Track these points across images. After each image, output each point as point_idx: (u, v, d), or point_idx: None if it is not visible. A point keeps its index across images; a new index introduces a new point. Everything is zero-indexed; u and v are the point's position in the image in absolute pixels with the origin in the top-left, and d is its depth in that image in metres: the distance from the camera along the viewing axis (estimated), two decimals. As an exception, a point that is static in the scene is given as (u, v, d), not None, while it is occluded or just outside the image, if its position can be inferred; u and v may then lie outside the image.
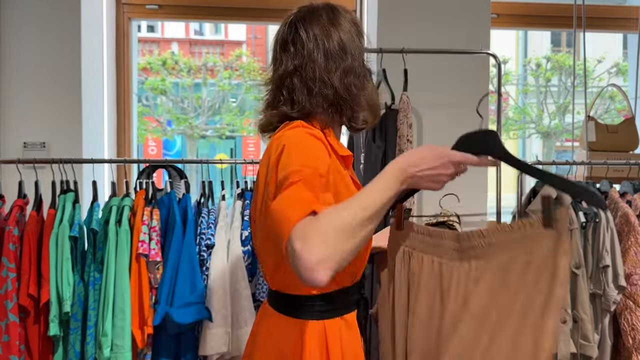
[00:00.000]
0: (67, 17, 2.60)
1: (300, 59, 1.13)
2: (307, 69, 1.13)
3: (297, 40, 1.14)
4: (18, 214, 1.92)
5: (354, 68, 1.16)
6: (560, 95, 10.11)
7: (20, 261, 1.87)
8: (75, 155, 2.48)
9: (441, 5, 2.69)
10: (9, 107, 2.60)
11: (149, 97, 9.30)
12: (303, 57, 1.13)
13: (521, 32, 12.06)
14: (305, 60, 1.13)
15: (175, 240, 1.90)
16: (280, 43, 1.19)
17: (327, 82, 1.12)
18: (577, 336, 2.01)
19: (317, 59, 1.13)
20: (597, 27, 3.22)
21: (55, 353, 1.90)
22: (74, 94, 2.61)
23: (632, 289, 2.04)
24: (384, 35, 2.66)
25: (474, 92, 2.35)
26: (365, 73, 1.21)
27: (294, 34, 1.15)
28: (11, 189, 2.04)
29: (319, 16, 1.17)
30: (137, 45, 3.17)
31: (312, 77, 1.12)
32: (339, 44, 1.15)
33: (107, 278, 1.84)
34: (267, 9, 3.02)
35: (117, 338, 1.83)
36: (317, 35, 1.14)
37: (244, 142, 11.83)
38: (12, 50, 2.60)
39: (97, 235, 1.89)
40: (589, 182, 2.21)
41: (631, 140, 2.71)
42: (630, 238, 2.06)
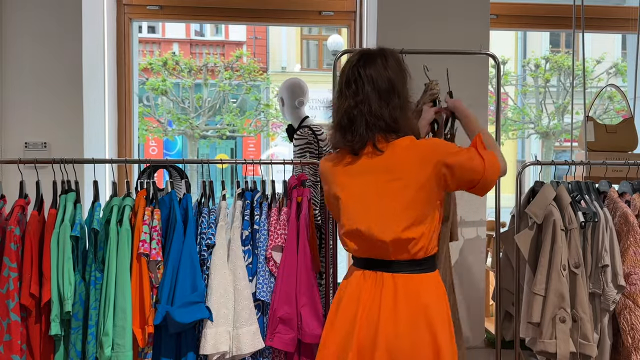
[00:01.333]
0: (68, 17, 2.61)
1: (360, 96, 1.51)
2: (365, 105, 1.49)
3: (358, 80, 1.52)
4: (19, 213, 1.93)
5: (400, 104, 1.52)
6: (559, 95, 10.12)
7: (21, 261, 1.88)
8: (77, 155, 2.49)
9: (441, 6, 2.70)
10: (11, 108, 2.61)
11: (149, 97, 9.31)
12: (362, 94, 1.50)
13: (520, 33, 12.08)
14: (364, 97, 1.50)
15: (176, 240, 1.91)
16: (345, 80, 1.55)
17: (379, 116, 1.49)
18: (577, 335, 2.01)
19: (372, 97, 1.50)
20: (596, 27, 3.23)
21: (56, 352, 1.90)
22: (75, 94, 2.62)
23: (631, 289, 2.04)
24: (384, 35, 2.67)
25: (474, 92, 2.36)
26: (409, 106, 1.58)
27: (356, 75, 1.52)
28: (12, 189, 2.04)
29: (374, 61, 1.53)
30: (137, 45, 3.18)
31: (368, 111, 1.49)
32: (389, 84, 1.52)
33: (108, 277, 1.85)
34: (268, 9, 3.03)
35: (118, 337, 1.83)
36: (373, 77, 1.51)
37: (244, 142, 11.84)
38: (13, 50, 2.61)
39: (98, 234, 1.90)
40: (588, 182, 2.22)
41: (630, 140, 2.72)
42: (629, 238, 2.07)
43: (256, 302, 1.97)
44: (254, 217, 2.02)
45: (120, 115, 2.99)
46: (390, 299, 1.47)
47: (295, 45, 12.93)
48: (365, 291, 1.50)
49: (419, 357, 1.43)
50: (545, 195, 2.09)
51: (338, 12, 3.05)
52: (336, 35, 10.12)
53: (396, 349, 1.43)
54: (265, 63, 12.22)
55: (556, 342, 1.98)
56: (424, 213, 1.49)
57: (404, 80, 1.57)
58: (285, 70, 12.35)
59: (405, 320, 1.44)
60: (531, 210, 2.10)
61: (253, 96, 9.74)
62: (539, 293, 2.01)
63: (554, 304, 1.99)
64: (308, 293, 1.96)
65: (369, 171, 1.51)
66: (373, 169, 1.51)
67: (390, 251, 1.49)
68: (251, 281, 1.98)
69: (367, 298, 1.49)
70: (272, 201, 2.07)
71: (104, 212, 1.95)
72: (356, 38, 3.04)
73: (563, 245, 2.01)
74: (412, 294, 1.48)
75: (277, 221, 2.01)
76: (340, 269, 2.20)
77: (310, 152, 2.69)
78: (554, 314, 1.99)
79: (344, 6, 3.05)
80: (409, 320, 1.45)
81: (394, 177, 1.49)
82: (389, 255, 1.50)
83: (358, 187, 1.52)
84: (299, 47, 12.96)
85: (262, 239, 1.99)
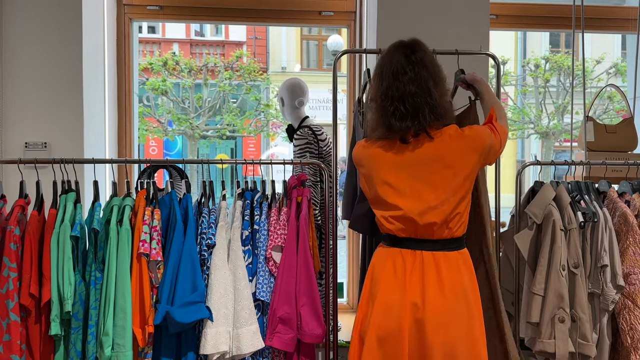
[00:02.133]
0: (69, 18, 2.61)
1: (418, 81, 1.59)
2: (425, 91, 1.58)
3: (414, 67, 1.60)
4: (19, 213, 1.93)
5: (445, 90, 1.64)
6: (559, 95, 10.12)
7: (21, 261, 1.88)
8: (77, 155, 2.50)
9: (440, 6, 2.70)
10: (11, 108, 2.61)
11: (150, 97, 9.30)
12: (421, 80, 1.59)
13: (520, 33, 12.07)
14: (423, 84, 1.59)
15: (176, 240, 1.91)
16: (394, 68, 1.61)
17: (439, 103, 1.60)
18: (576, 335, 2.01)
19: (430, 83, 1.60)
20: (595, 27, 3.23)
21: (56, 352, 1.90)
22: (75, 94, 2.62)
23: (630, 289, 2.05)
24: (384, 35, 2.67)
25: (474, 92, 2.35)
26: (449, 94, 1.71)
27: (411, 62, 1.60)
28: (12, 189, 2.05)
29: (420, 49, 1.64)
30: (138, 46, 3.18)
31: (429, 98, 1.59)
32: (439, 71, 1.63)
33: (108, 277, 1.85)
34: (268, 9, 3.03)
35: (118, 337, 1.84)
36: (426, 64, 1.61)
37: (245, 142, 11.83)
38: (13, 50, 2.61)
39: (98, 234, 1.90)
40: (587, 182, 2.22)
41: (630, 140, 2.72)
42: (629, 238, 2.07)
43: (256, 302, 1.97)
44: (254, 217, 2.02)
45: (120, 115, 2.99)
46: (434, 273, 1.60)
47: (295, 45, 12.93)
48: (408, 265, 1.62)
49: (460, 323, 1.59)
50: (545, 195, 2.10)
51: (338, 12, 3.05)
52: (336, 35, 10.12)
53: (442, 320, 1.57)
54: (265, 63, 12.22)
55: (555, 342, 1.98)
56: (466, 197, 1.64)
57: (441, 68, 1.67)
58: (285, 70, 12.35)
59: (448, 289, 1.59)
60: (531, 210, 2.10)
61: (253, 96, 9.74)
62: (538, 293, 2.01)
63: (553, 304, 1.99)
64: (308, 293, 1.97)
65: (420, 158, 1.62)
66: (424, 157, 1.62)
67: (435, 231, 1.62)
68: (251, 281, 1.98)
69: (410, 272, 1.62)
70: (272, 201, 2.08)
71: (104, 212, 1.95)
72: (356, 38, 3.04)
73: (562, 245, 2.01)
74: (453, 268, 1.62)
75: (277, 221, 2.01)
76: (340, 269, 2.21)
77: (310, 152, 2.69)
78: (553, 313, 1.99)
79: (344, 6, 3.05)
80: (451, 290, 1.59)
81: (444, 165, 1.61)
82: (432, 235, 1.63)
83: (409, 173, 1.63)
84: (299, 47, 12.96)
85: (262, 239, 2.00)
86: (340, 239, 2.70)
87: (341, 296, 3.10)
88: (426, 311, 1.56)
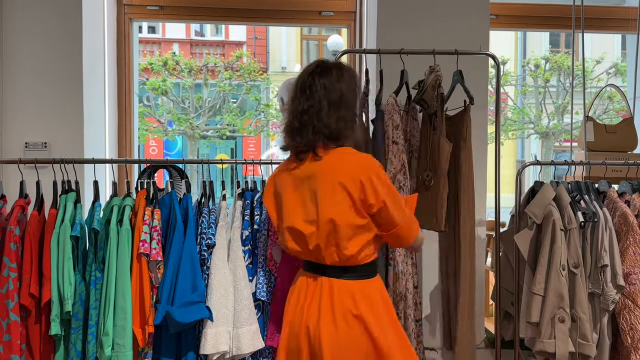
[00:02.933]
0: (69, 17, 2.61)
1: (311, 101, 1.59)
2: (315, 111, 1.58)
3: (312, 87, 1.59)
4: (19, 213, 1.93)
5: (346, 116, 1.61)
6: (559, 95, 10.11)
7: (21, 261, 1.88)
8: (77, 155, 2.49)
9: (440, 6, 2.70)
10: (11, 108, 2.61)
11: (150, 97, 9.30)
12: (314, 101, 1.58)
13: (520, 33, 12.07)
14: (315, 103, 1.58)
15: (176, 240, 1.91)
16: (300, 86, 1.63)
17: (326, 124, 1.57)
18: (576, 335, 2.02)
19: (323, 105, 1.58)
20: (595, 27, 3.23)
21: (56, 352, 1.90)
22: (75, 94, 2.62)
23: (630, 289, 2.05)
24: (384, 35, 2.67)
25: (473, 92, 2.35)
26: (355, 120, 1.65)
27: (311, 82, 1.60)
28: (13, 189, 2.04)
29: (330, 72, 1.61)
30: (138, 46, 3.18)
31: (317, 118, 1.57)
32: (339, 96, 1.60)
33: (109, 277, 1.85)
34: (268, 9, 3.03)
35: (118, 337, 1.83)
36: (326, 86, 1.59)
37: (245, 142, 11.83)
38: (14, 51, 2.61)
39: (98, 234, 1.90)
40: (587, 182, 2.22)
41: (630, 140, 2.72)
42: (629, 238, 2.07)
43: (256, 302, 1.97)
44: (254, 217, 2.02)
45: (120, 115, 2.99)
46: (328, 300, 1.59)
47: (295, 45, 12.92)
48: (309, 292, 1.63)
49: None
50: (545, 195, 2.10)
51: (338, 12, 3.05)
52: (336, 35, 10.11)
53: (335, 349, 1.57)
54: (265, 63, 12.22)
55: (555, 342, 1.98)
56: (363, 225, 1.59)
57: (355, 96, 1.66)
58: (285, 70, 12.35)
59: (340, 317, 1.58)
60: (531, 210, 2.10)
61: (253, 96, 9.74)
62: (538, 293, 2.01)
63: (553, 303, 1.99)
64: (308, 293, 1.96)
65: (308, 176, 1.61)
66: (311, 174, 1.61)
67: (323, 256, 1.60)
68: (251, 281, 1.98)
69: (309, 297, 1.62)
70: (272, 201, 2.07)
71: (104, 212, 1.95)
72: (356, 38, 3.04)
73: (562, 245, 2.01)
74: (346, 299, 1.58)
75: (277, 221, 2.01)
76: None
77: (310, 152, 2.69)
78: (553, 313, 1.99)
79: (344, 6, 3.05)
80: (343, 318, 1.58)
81: (327, 184, 1.58)
82: (323, 260, 1.61)
83: (298, 190, 1.62)
84: (299, 47, 12.95)
85: (262, 239, 2.00)
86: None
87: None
88: (322, 339, 1.55)
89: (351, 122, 1.63)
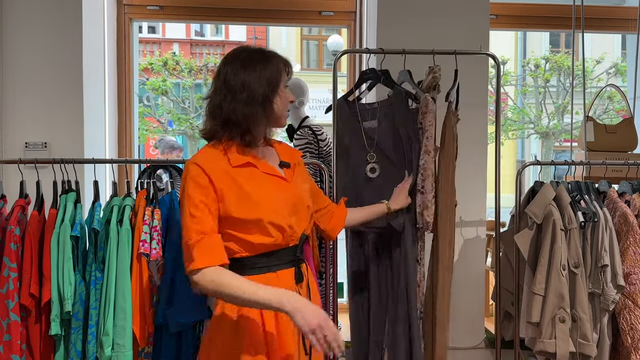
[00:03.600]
0: (69, 17, 2.61)
1: (214, 88, 1.43)
2: (214, 97, 1.41)
3: (218, 74, 1.43)
4: (19, 213, 1.93)
5: (245, 100, 1.39)
6: (559, 95, 10.12)
7: (21, 261, 1.88)
8: (77, 155, 2.50)
9: (440, 6, 2.70)
10: (11, 108, 2.61)
11: (150, 97, 9.31)
12: (217, 87, 1.42)
13: (520, 33, 12.08)
14: (216, 89, 1.42)
15: (176, 240, 1.91)
16: (215, 72, 1.47)
17: (223, 109, 1.39)
18: (576, 335, 2.01)
19: (221, 90, 1.40)
20: (595, 27, 3.23)
21: (56, 352, 1.90)
22: (75, 94, 2.62)
23: (630, 289, 2.05)
24: (384, 35, 2.67)
25: (474, 92, 2.37)
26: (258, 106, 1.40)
27: (219, 68, 1.44)
28: (13, 189, 2.04)
29: (236, 57, 1.42)
30: (138, 46, 3.18)
31: (216, 104, 1.40)
32: (240, 82, 1.39)
33: (109, 277, 1.85)
34: (268, 10, 3.03)
35: (118, 337, 1.83)
36: (225, 72, 1.41)
37: (244, 142, 11.83)
38: (14, 51, 2.61)
39: (98, 234, 1.90)
40: (587, 182, 2.22)
41: (630, 140, 2.72)
42: (629, 237, 2.07)
43: (256, 302, 1.97)
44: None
45: (120, 115, 2.99)
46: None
47: (295, 45, 12.93)
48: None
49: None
50: (545, 195, 2.10)
51: (338, 12, 3.05)
52: (336, 35, 10.12)
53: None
54: (265, 63, 12.20)
55: (556, 342, 1.98)
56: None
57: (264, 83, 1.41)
58: (285, 70, 12.33)
59: None
60: (531, 210, 2.10)
61: (253, 96, 9.74)
62: (539, 293, 2.01)
63: (553, 303, 1.99)
64: (308, 293, 1.96)
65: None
66: None
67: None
68: (251, 281, 1.98)
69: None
70: (272, 201, 2.07)
71: (104, 212, 1.95)
72: (356, 38, 3.04)
73: (563, 245, 2.01)
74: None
75: (277, 221, 2.01)
76: (340, 269, 2.21)
77: (310, 152, 2.69)
78: (554, 313, 1.99)
79: (344, 6, 3.05)
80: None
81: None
82: None
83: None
84: (299, 47, 12.96)
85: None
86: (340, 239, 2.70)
87: (341, 296, 3.10)
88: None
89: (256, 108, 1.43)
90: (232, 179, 1.38)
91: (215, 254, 1.32)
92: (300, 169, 1.57)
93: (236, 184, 1.38)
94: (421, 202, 1.95)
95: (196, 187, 1.35)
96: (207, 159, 1.39)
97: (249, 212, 1.36)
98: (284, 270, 1.43)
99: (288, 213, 1.41)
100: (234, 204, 1.36)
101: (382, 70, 2.11)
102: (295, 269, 1.45)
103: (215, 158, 1.40)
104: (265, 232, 1.38)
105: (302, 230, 1.46)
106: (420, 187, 1.95)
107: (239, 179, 1.39)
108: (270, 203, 1.39)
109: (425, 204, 1.94)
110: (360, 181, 2.03)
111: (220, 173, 1.37)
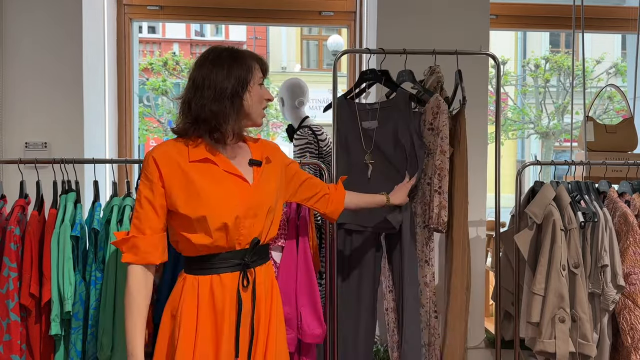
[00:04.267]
0: (69, 17, 2.61)
1: (186, 87, 1.45)
2: (185, 95, 1.43)
3: (190, 73, 1.45)
4: (19, 213, 1.93)
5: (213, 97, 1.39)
6: (559, 95, 10.12)
7: (21, 261, 1.88)
8: (77, 155, 2.50)
9: (440, 6, 2.70)
10: (11, 108, 2.61)
11: (150, 97, 9.31)
12: (188, 86, 1.44)
13: (520, 33, 12.08)
14: (187, 88, 1.44)
15: (176, 240, 1.91)
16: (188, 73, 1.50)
17: (191, 107, 1.41)
18: (576, 335, 2.01)
19: (190, 88, 1.42)
20: (595, 27, 3.24)
21: (56, 352, 1.90)
22: (75, 94, 2.62)
23: (630, 289, 2.05)
24: (384, 35, 2.68)
25: (474, 92, 2.36)
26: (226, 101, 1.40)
27: (190, 68, 1.47)
28: (13, 189, 2.04)
29: (206, 57, 1.44)
30: (138, 46, 3.18)
31: (185, 102, 1.43)
32: (207, 80, 1.40)
33: (109, 277, 1.85)
34: (268, 9, 3.04)
35: (118, 337, 1.83)
36: (194, 71, 1.43)
37: (244, 142, 11.82)
38: (14, 51, 2.61)
39: (98, 234, 1.90)
40: (587, 182, 2.22)
41: (630, 140, 2.73)
42: (629, 237, 2.07)
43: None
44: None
45: (120, 115, 2.99)
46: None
47: (295, 45, 12.93)
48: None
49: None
50: (545, 195, 2.10)
51: (338, 12, 3.06)
52: (336, 35, 10.11)
53: None
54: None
55: (555, 342, 1.98)
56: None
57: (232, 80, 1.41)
58: (285, 70, 12.35)
59: None
60: (531, 210, 2.10)
61: (253, 96, 9.74)
62: (539, 293, 2.01)
63: (553, 303, 1.99)
64: (308, 293, 1.96)
65: None
66: None
67: None
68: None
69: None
70: (272, 201, 2.07)
71: (105, 212, 1.95)
72: (356, 38, 3.04)
73: (562, 245, 2.01)
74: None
75: (277, 221, 2.01)
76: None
77: (310, 152, 2.69)
78: (554, 313, 1.99)
79: (344, 6, 3.05)
80: None
81: None
82: None
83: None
84: (299, 47, 12.96)
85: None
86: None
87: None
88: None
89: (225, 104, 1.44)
90: (184, 174, 1.38)
91: (141, 254, 1.38)
92: (272, 167, 1.53)
93: (188, 179, 1.38)
94: (439, 202, 1.96)
95: (145, 182, 1.39)
96: (164, 151, 1.41)
97: (194, 210, 1.36)
98: (229, 274, 1.41)
99: (242, 215, 1.39)
100: (181, 200, 1.37)
101: (381, 70, 2.11)
102: (241, 274, 1.42)
103: (173, 151, 1.41)
104: (207, 232, 1.37)
105: (258, 234, 1.44)
106: (437, 187, 1.96)
107: (192, 174, 1.38)
108: (219, 202, 1.37)
109: (442, 203, 1.96)
110: (359, 180, 2.03)
111: (173, 167, 1.38)
